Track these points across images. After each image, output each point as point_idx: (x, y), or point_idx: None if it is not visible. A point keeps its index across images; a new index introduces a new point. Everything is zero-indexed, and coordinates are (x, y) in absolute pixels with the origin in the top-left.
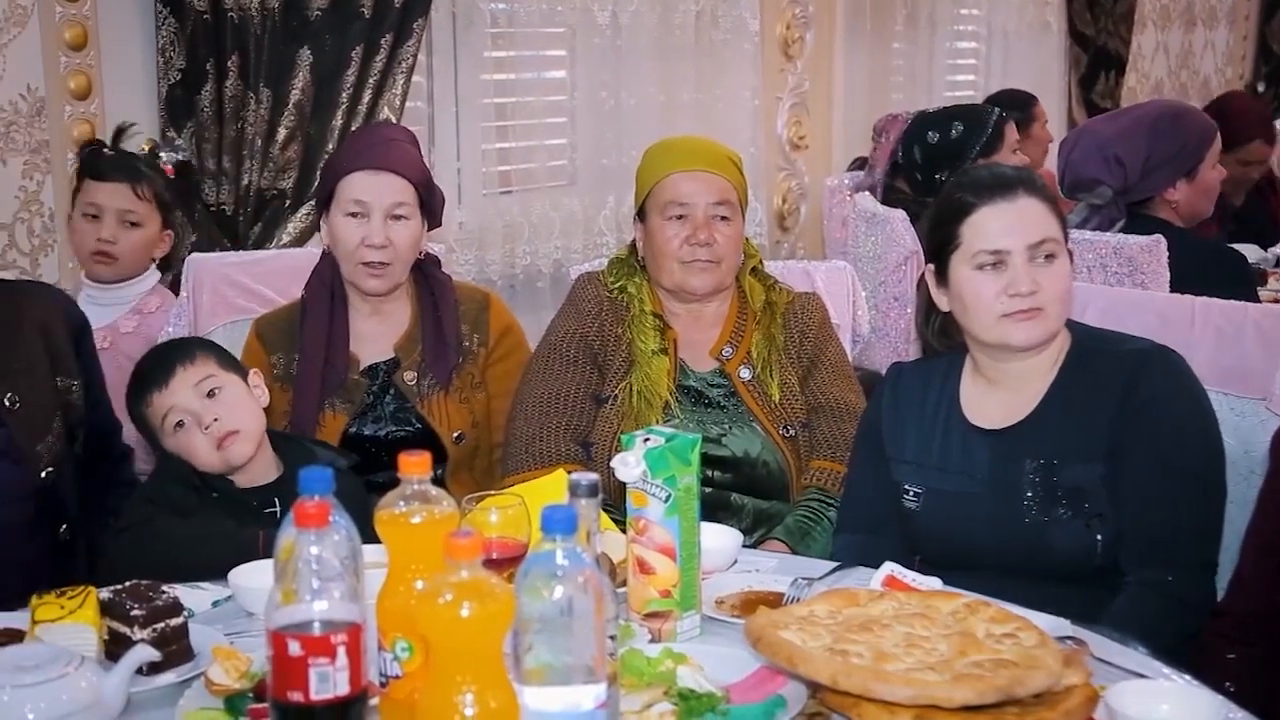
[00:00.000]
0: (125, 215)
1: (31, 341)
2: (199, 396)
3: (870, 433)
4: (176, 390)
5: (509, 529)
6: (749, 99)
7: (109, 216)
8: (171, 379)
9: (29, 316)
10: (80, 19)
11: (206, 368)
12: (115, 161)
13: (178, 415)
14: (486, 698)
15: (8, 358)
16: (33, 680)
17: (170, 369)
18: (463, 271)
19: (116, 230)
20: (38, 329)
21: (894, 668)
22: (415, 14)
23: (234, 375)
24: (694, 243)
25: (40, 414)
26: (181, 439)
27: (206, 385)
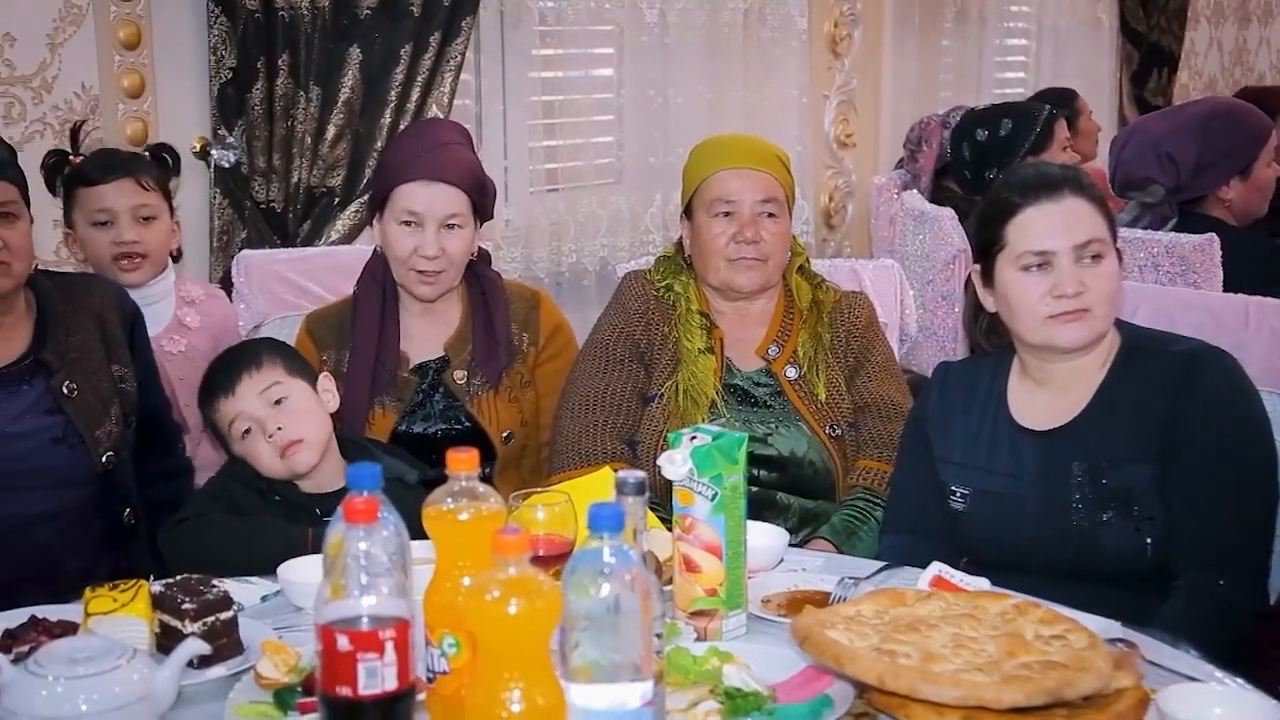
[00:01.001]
0: (139, 211)
1: (87, 331)
2: (265, 404)
3: (917, 432)
4: (242, 397)
5: (555, 526)
6: (796, 97)
7: (123, 217)
8: (238, 386)
9: (84, 307)
10: (134, 18)
11: (273, 374)
12: (106, 161)
13: (244, 423)
14: (534, 694)
15: (65, 347)
16: (86, 672)
17: (237, 376)
18: (509, 269)
19: (135, 229)
20: (93, 319)
21: (942, 668)
22: (464, 12)
23: (301, 381)
24: (741, 240)
25: (98, 401)
26: (247, 445)
27: (273, 393)
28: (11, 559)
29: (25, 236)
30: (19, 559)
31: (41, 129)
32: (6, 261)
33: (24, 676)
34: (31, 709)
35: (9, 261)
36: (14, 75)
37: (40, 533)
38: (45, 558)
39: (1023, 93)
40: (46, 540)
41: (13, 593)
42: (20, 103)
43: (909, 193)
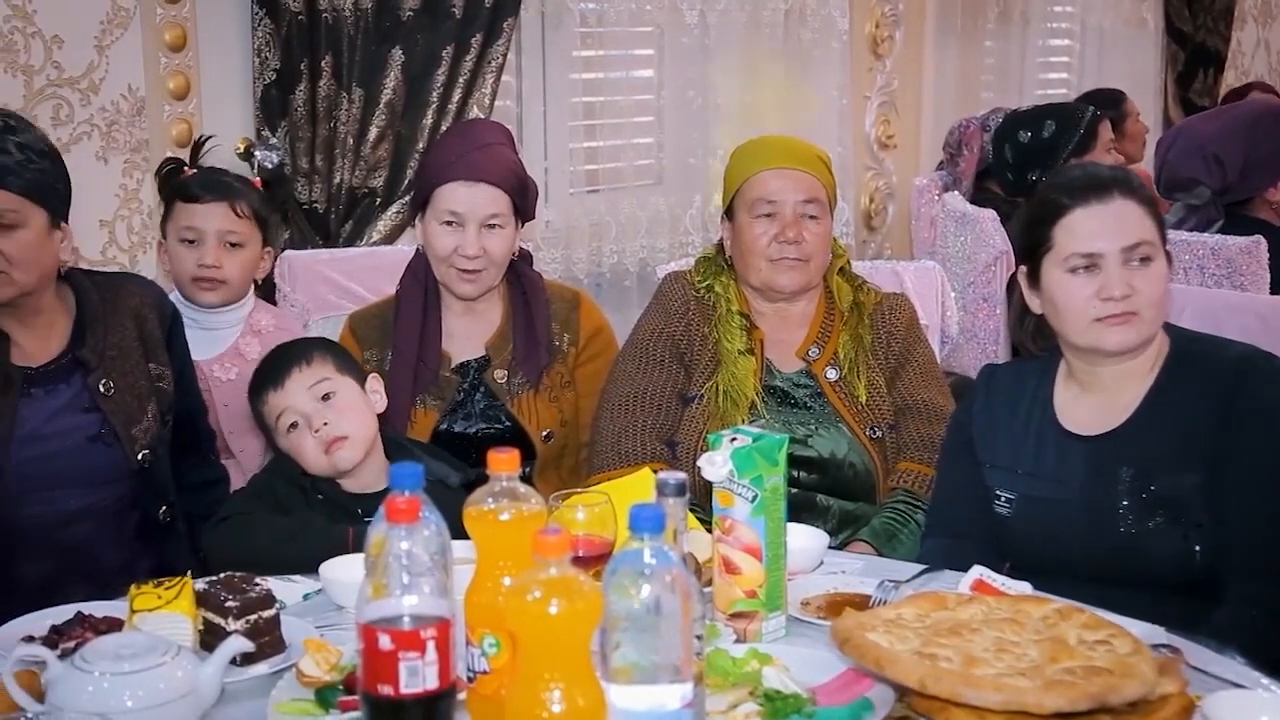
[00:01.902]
0: (226, 236)
1: (126, 330)
2: (313, 400)
3: (961, 435)
4: (291, 391)
5: (595, 527)
6: (837, 98)
7: (209, 240)
8: (287, 380)
9: (123, 306)
10: (180, 20)
11: (323, 370)
12: (209, 180)
13: (291, 417)
14: (574, 695)
15: (103, 345)
16: (131, 668)
17: (287, 370)
18: (549, 270)
19: (219, 253)
20: (132, 318)
21: (983, 673)
22: (505, 13)
23: (350, 380)
24: (782, 240)
25: (134, 399)
26: (293, 440)
27: (321, 389)
28: (52, 554)
29: (28, 246)
30: (59, 554)
31: (89, 130)
32: (4, 270)
33: (71, 672)
34: (78, 704)
35: (7, 270)
36: (62, 77)
37: (79, 528)
38: (85, 553)
39: (1066, 94)
40: (85, 535)
41: (55, 587)
42: (68, 104)
43: (950, 194)
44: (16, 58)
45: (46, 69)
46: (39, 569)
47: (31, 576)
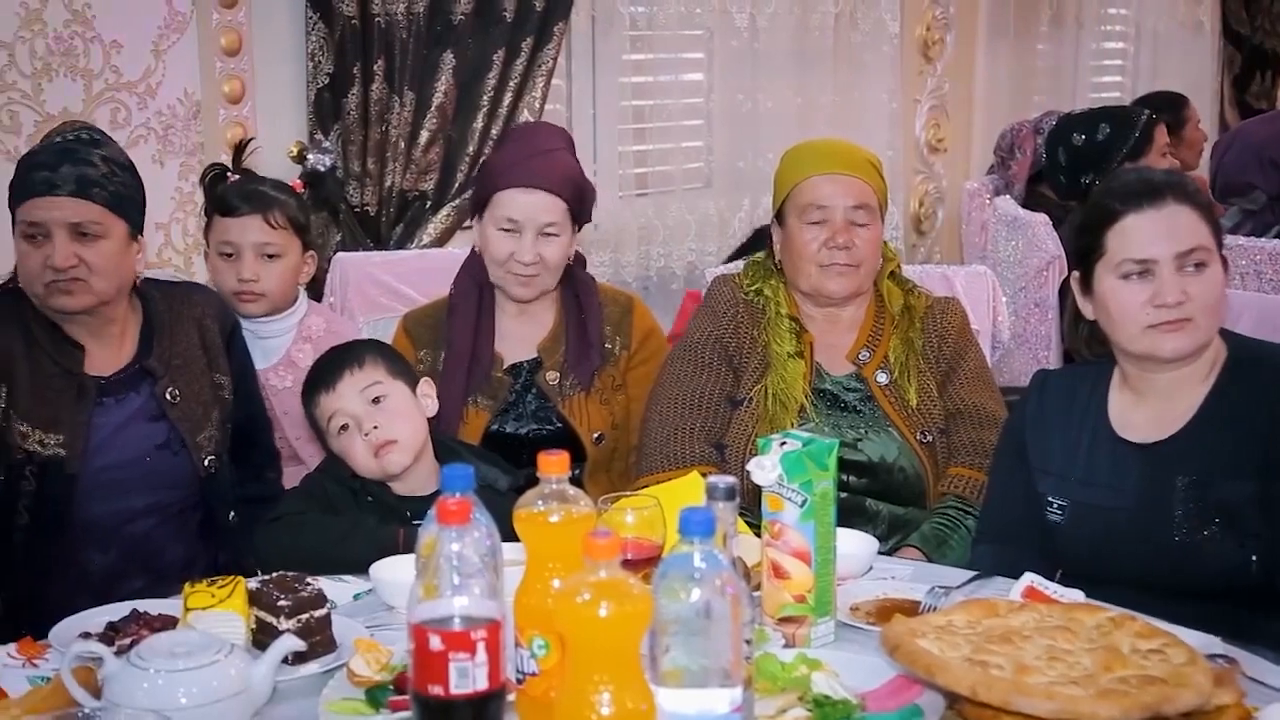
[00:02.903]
0: (262, 249)
1: (189, 339)
2: (364, 403)
3: (1013, 441)
4: (343, 394)
5: (644, 530)
6: (886, 101)
7: (246, 253)
8: (339, 383)
9: (186, 315)
10: (235, 26)
11: (375, 373)
12: (244, 191)
13: (342, 419)
14: (623, 698)
15: (168, 355)
16: (185, 666)
17: (338, 372)
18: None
19: (256, 266)
20: (195, 327)
21: (1036, 681)
22: (555, 18)
23: (402, 383)
24: (832, 246)
25: (200, 408)
26: (343, 442)
27: (372, 392)
28: (116, 547)
29: (108, 256)
30: (123, 547)
31: (145, 133)
32: (84, 279)
33: (126, 669)
34: (133, 700)
35: (86, 279)
36: (120, 81)
37: (144, 523)
38: (148, 547)
39: (1119, 98)
40: (150, 530)
41: (117, 578)
42: (125, 108)
43: (1002, 198)
44: (76, 62)
45: (105, 73)
46: (105, 560)
47: (97, 567)
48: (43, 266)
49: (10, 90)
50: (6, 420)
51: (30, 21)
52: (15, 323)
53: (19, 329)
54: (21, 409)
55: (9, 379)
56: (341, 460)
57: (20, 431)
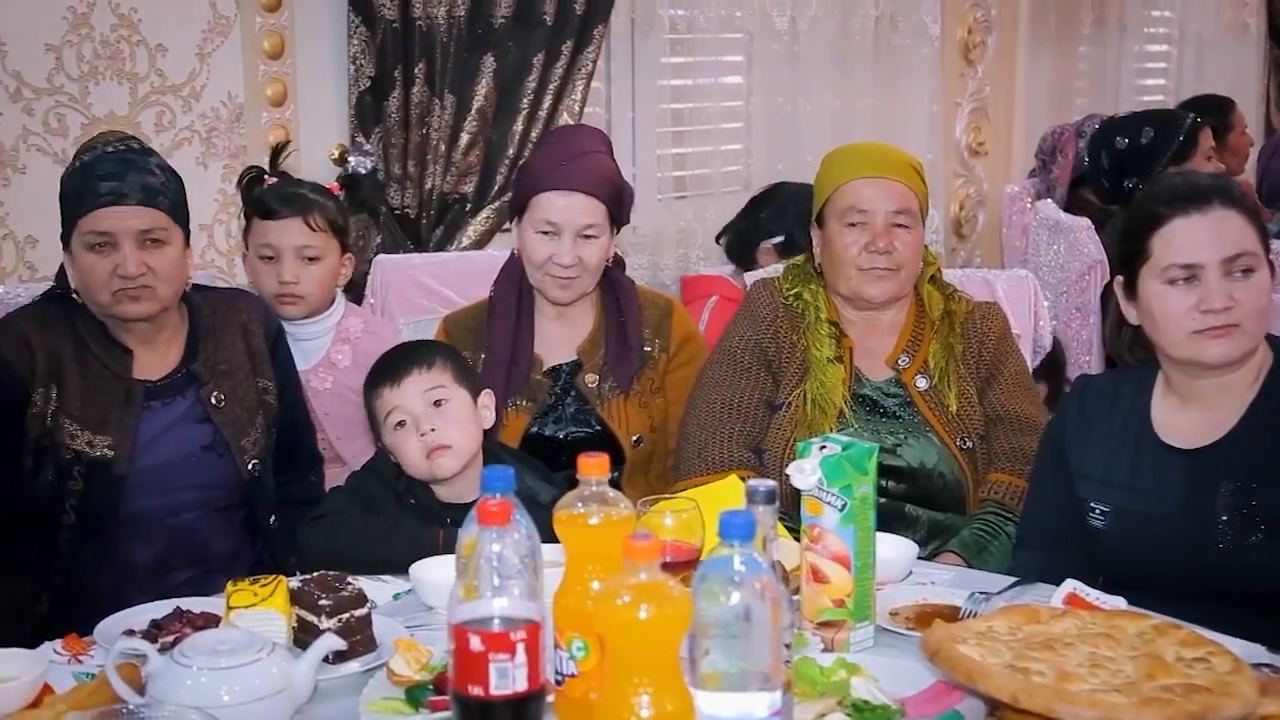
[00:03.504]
0: (302, 251)
1: (234, 344)
2: (425, 403)
3: (1054, 447)
4: (406, 391)
5: (683, 533)
6: (927, 104)
7: (286, 256)
8: (404, 379)
9: (231, 321)
10: (279, 29)
11: (441, 377)
12: (283, 194)
13: (400, 415)
14: (663, 700)
15: (214, 359)
16: (228, 664)
17: (406, 369)
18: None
19: (296, 269)
20: (240, 332)
21: (1078, 688)
22: (595, 21)
23: (464, 391)
24: (873, 250)
25: (244, 412)
26: (398, 438)
27: (435, 394)
28: (164, 539)
29: (172, 262)
30: (170, 539)
31: (189, 136)
32: (151, 286)
33: (170, 666)
34: (176, 697)
35: (153, 286)
36: (165, 84)
37: (188, 516)
38: (194, 539)
39: (1163, 101)
40: (194, 522)
41: (165, 571)
42: (170, 110)
43: (1043, 202)
44: (123, 65)
45: (150, 76)
46: (152, 553)
47: (145, 560)
48: (110, 275)
49: (58, 93)
50: (56, 421)
51: (78, 25)
52: (65, 327)
53: (69, 333)
54: (71, 411)
55: (59, 381)
56: (388, 459)
57: (69, 432)
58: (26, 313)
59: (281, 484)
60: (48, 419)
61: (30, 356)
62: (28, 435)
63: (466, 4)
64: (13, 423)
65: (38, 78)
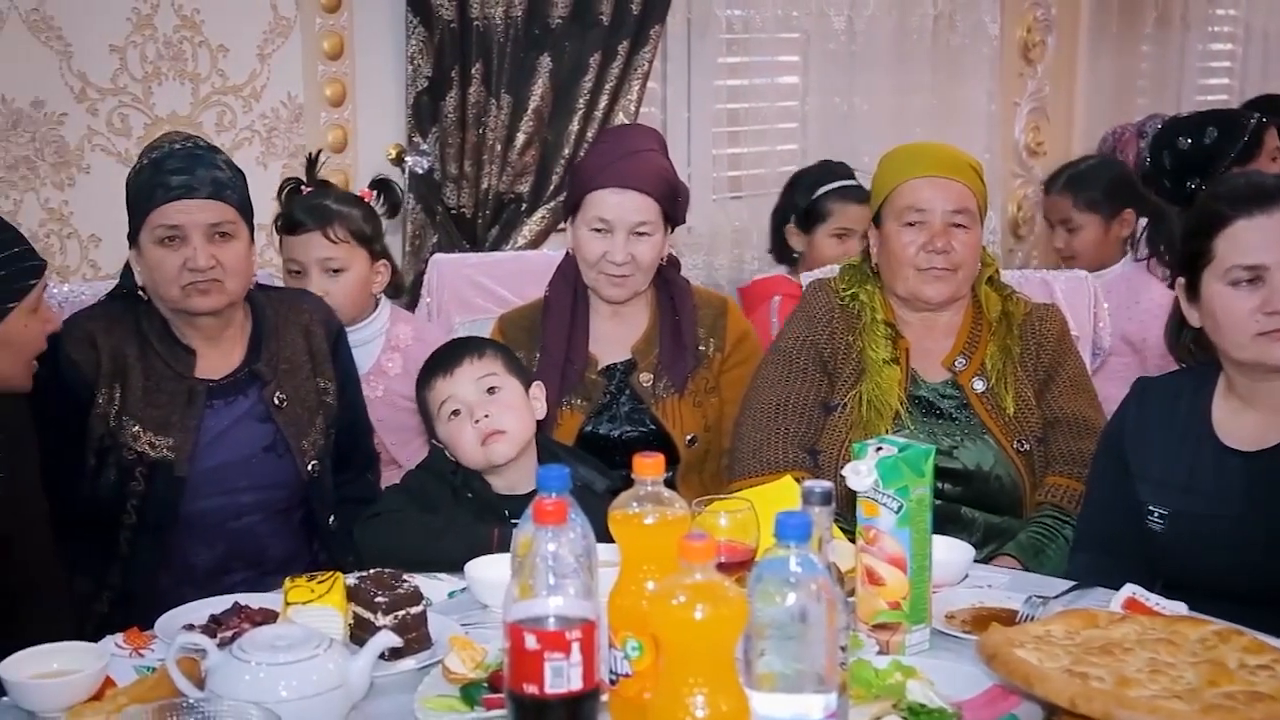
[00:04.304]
0: (325, 264)
1: (296, 344)
2: (478, 391)
3: (1113, 449)
4: (459, 380)
5: (737, 533)
6: (985, 104)
7: (312, 270)
8: (457, 368)
9: (293, 321)
10: (338, 29)
11: (493, 365)
12: (305, 207)
13: (454, 404)
14: (718, 701)
15: (276, 359)
16: (286, 660)
17: (458, 359)
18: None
19: (323, 282)
20: (301, 333)
21: (1137, 694)
22: (652, 21)
23: (516, 380)
24: (931, 250)
25: (305, 412)
26: (452, 428)
27: (488, 382)
28: (222, 542)
29: (240, 257)
30: (228, 542)
31: (250, 136)
32: (220, 280)
33: (229, 661)
34: (235, 692)
35: (222, 280)
36: (226, 85)
37: (248, 519)
38: (252, 542)
39: (1227, 101)
40: (253, 525)
41: (222, 573)
42: (231, 111)
43: None
44: (185, 66)
45: (212, 77)
46: (211, 555)
47: (203, 562)
48: (180, 269)
49: (121, 94)
50: (119, 422)
51: (141, 26)
52: (130, 326)
53: (133, 332)
54: (133, 411)
55: (123, 382)
56: (442, 455)
57: (131, 433)
58: (92, 313)
59: (339, 484)
60: (110, 419)
61: (96, 357)
62: (91, 435)
63: (523, 4)
64: (78, 423)
65: (102, 78)
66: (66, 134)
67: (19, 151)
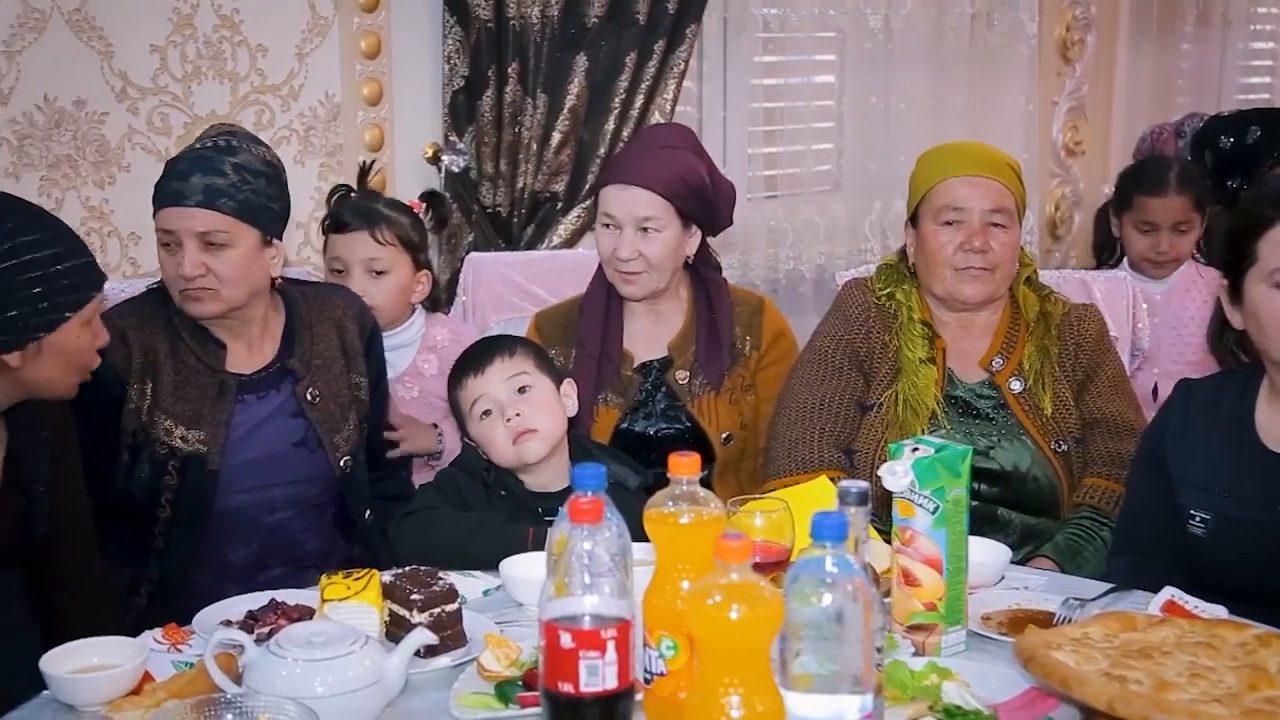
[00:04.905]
0: (370, 265)
1: (328, 340)
2: (509, 390)
3: (1153, 452)
4: (490, 379)
5: (772, 533)
6: (1023, 103)
7: (355, 269)
8: (488, 367)
9: (327, 316)
10: (375, 29)
11: (523, 364)
12: (354, 208)
13: (486, 404)
14: (753, 701)
15: (309, 355)
16: (323, 656)
17: (489, 358)
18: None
19: (364, 283)
20: (335, 328)
21: (1176, 698)
22: (688, 20)
23: (547, 379)
24: (968, 249)
25: (337, 408)
26: (484, 427)
27: (519, 381)
28: (257, 538)
29: (235, 265)
30: (263, 538)
31: (288, 135)
32: (212, 288)
33: (266, 657)
34: (272, 688)
35: (215, 288)
36: (265, 84)
37: (282, 515)
38: (287, 537)
39: (1268, 100)
40: (287, 521)
41: (258, 568)
42: (269, 110)
43: None
44: (224, 65)
45: (250, 76)
46: (246, 551)
47: (239, 558)
48: (175, 274)
49: (162, 93)
50: (151, 417)
51: (181, 26)
52: (162, 322)
53: (165, 327)
54: (165, 406)
55: (154, 376)
56: (475, 453)
57: (164, 427)
58: (123, 310)
59: (374, 480)
60: (143, 414)
61: (127, 353)
62: (124, 430)
63: (560, 3)
64: (111, 419)
65: (143, 78)
66: (107, 133)
67: (61, 150)
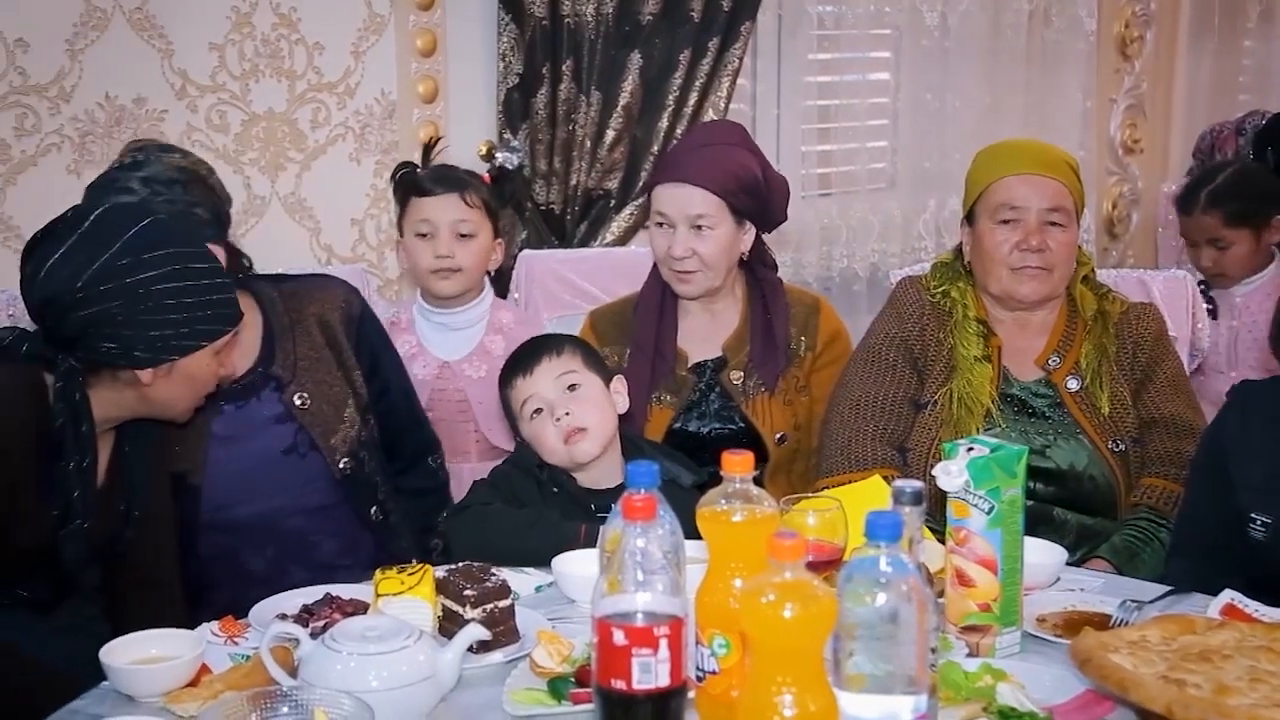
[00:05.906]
0: (458, 226)
1: (313, 338)
2: (559, 389)
3: (1213, 454)
4: (539, 379)
5: (825, 532)
6: (1080, 100)
7: (443, 231)
8: (536, 367)
9: (308, 314)
10: (431, 27)
11: (572, 362)
12: (438, 174)
13: (535, 403)
14: (806, 700)
15: (292, 359)
16: (377, 650)
17: (537, 358)
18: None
19: (452, 244)
20: (317, 325)
21: (1237, 702)
22: (742, 17)
23: (596, 376)
24: (1025, 248)
25: (331, 409)
26: (535, 427)
27: (568, 379)
28: (273, 545)
29: None
30: (279, 545)
31: (344, 132)
32: None
33: (321, 651)
34: (327, 681)
35: None
36: (321, 82)
37: (293, 521)
38: (302, 542)
39: None
40: (300, 527)
41: (280, 575)
42: (325, 107)
43: None
44: (281, 64)
45: (308, 74)
46: (262, 557)
47: (258, 567)
48: None
49: (220, 91)
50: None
51: (240, 24)
52: None
53: None
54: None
55: None
56: (529, 450)
57: None
58: None
59: (397, 473)
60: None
61: None
62: None
63: (614, 1)
64: None
65: (201, 76)
66: (167, 130)
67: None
